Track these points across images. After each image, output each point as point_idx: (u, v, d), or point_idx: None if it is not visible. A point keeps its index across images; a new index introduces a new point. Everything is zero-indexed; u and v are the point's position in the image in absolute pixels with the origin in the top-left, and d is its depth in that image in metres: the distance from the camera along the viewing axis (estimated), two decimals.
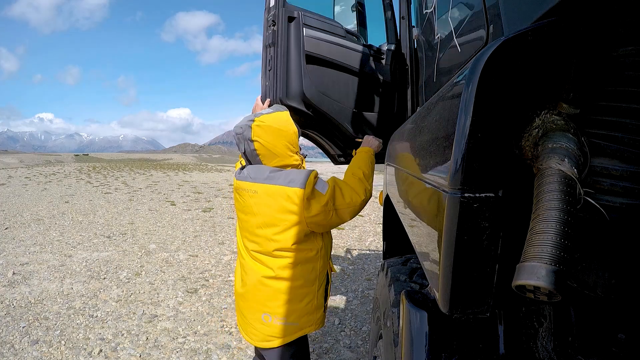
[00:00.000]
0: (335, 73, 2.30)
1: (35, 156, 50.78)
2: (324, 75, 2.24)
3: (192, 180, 16.12)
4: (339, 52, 2.28)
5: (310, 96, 2.15)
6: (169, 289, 3.97)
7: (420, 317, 0.82)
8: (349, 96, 2.38)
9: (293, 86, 2.12)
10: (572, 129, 0.64)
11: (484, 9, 0.88)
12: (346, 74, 2.36)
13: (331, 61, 2.26)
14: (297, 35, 2.12)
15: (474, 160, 0.59)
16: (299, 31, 2.12)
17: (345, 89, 2.36)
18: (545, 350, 0.76)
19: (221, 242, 5.93)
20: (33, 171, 18.63)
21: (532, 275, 0.53)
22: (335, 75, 2.30)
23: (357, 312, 3.50)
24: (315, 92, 2.17)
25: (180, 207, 9.25)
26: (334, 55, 2.26)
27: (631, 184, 0.61)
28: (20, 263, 4.67)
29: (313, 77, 2.18)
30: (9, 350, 2.76)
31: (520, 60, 0.60)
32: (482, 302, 0.64)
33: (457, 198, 0.60)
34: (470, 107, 0.59)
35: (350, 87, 2.38)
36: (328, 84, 2.26)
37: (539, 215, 0.56)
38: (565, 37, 0.61)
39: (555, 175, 0.58)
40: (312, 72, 2.18)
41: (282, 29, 2.11)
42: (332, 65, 2.27)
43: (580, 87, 0.64)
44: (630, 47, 0.63)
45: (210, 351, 2.81)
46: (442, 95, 0.81)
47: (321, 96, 2.20)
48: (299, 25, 2.12)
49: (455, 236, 0.61)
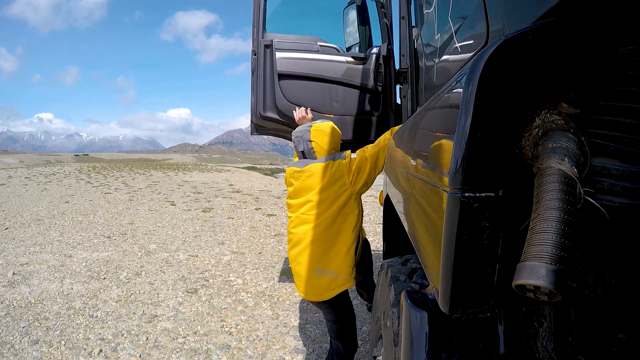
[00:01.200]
0: (308, 84, 2.71)
1: (35, 156, 50.76)
2: (298, 87, 2.69)
3: (192, 180, 16.12)
4: (310, 66, 2.70)
5: (282, 108, 2.64)
6: (169, 289, 3.96)
7: (420, 317, 0.81)
8: (323, 103, 2.73)
9: (268, 100, 2.67)
10: (572, 129, 0.64)
11: (484, 9, 0.88)
12: (321, 83, 2.72)
13: (302, 75, 2.69)
14: (271, 58, 2.64)
15: (475, 159, 0.59)
16: (272, 55, 2.63)
17: (321, 97, 2.73)
18: (545, 350, 0.76)
19: (221, 242, 5.93)
20: (33, 171, 18.62)
21: (532, 275, 0.53)
22: (308, 86, 2.71)
23: (357, 312, 3.49)
24: (286, 103, 2.64)
25: (180, 207, 9.25)
26: (306, 69, 2.69)
27: (631, 183, 0.61)
28: (20, 263, 4.67)
29: (287, 91, 2.66)
30: (9, 350, 2.76)
31: (521, 60, 0.60)
32: (482, 302, 0.64)
33: (457, 198, 0.60)
34: (471, 107, 0.59)
35: (327, 95, 2.74)
36: (302, 94, 2.69)
37: (539, 215, 0.56)
38: (565, 37, 0.61)
39: (555, 175, 0.58)
40: (285, 87, 2.66)
41: (260, 56, 2.66)
42: (304, 77, 2.70)
43: (580, 86, 0.64)
44: (630, 47, 0.63)
45: (210, 351, 2.81)
46: (443, 95, 0.81)
47: (292, 105, 2.58)
48: (272, 50, 2.63)
49: (455, 236, 0.61)
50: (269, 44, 2.64)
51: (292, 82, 2.68)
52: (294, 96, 2.68)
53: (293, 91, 2.69)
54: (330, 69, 2.73)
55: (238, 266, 4.79)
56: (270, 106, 2.67)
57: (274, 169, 33.28)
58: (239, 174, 21.23)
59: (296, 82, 2.70)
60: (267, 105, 2.67)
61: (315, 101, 2.70)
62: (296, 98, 2.67)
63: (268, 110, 2.67)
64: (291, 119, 2.55)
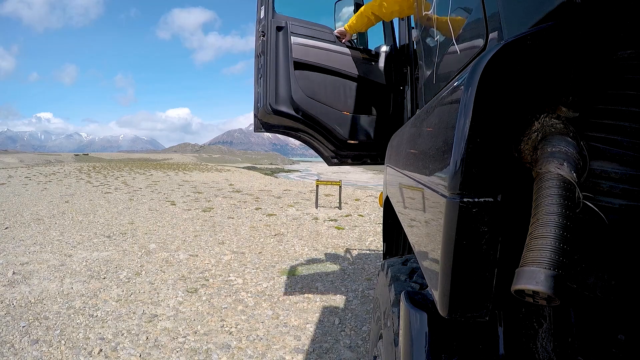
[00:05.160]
0: (324, 77, 2.41)
1: (35, 156, 50.69)
2: (313, 79, 2.36)
3: (192, 180, 16.11)
4: (327, 57, 2.39)
5: (298, 100, 2.27)
6: (169, 289, 3.97)
7: (420, 318, 0.82)
8: (339, 99, 2.47)
9: (281, 92, 2.25)
10: (571, 133, 0.64)
11: (483, 12, 0.88)
12: (336, 78, 2.46)
13: (319, 66, 2.36)
14: (285, 43, 2.25)
15: (473, 164, 0.59)
16: (287, 39, 2.25)
17: (336, 92, 2.46)
18: (545, 351, 0.77)
19: (221, 242, 5.93)
20: (33, 171, 18.61)
21: (531, 280, 0.53)
22: (324, 79, 2.41)
23: (357, 312, 3.50)
24: (302, 96, 2.30)
25: (180, 206, 9.26)
26: (322, 60, 2.37)
27: (630, 186, 0.61)
28: (20, 263, 4.67)
29: (302, 83, 2.31)
30: (9, 350, 2.76)
31: (520, 64, 0.61)
32: (481, 307, 0.65)
33: (456, 203, 0.60)
34: (470, 111, 0.59)
35: (341, 90, 2.48)
36: (317, 88, 2.37)
37: (538, 220, 0.57)
38: (564, 41, 0.61)
39: (554, 180, 0.58)
40: (300, 78, 2.31)
41: (271, 38, 2.25)
42: (320, 69, 2.37)
43: (579, 90, 0.65)
44: (629, 51, 0.63)
45: (210, 351, 2.81)
46: (442, 99, 0.81)
47: (309, 100, 2.31)
48: (287, 34, 2.25)
49: (454, 241, 0.61)
50: (282, 26, 2.27)
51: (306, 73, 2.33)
52: (309, 90, 2.34)
53: (308, 84, 2.34)
54: (347, 63, 2.46)
55: (238, 266, 4.79)
56: (284, 99, 2.27)
57: (274, 169, 33.18)
58: (239, 174, 21.21)
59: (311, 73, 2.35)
60: (279, 98, 2.26)
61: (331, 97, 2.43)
62: (311, 92, 2.35)
63: (281, 103, 2.27)
64: (308, 116, 2.31)
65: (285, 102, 2.27)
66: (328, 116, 2.40)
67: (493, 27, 0.84)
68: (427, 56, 1.71)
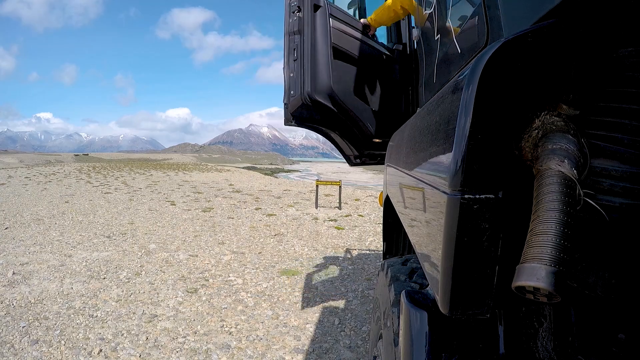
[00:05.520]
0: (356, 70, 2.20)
1: (35, 156, 50.73)
2: (347, 71, 2.13)
3: (192, 180, 16.11)
4: (361, 49, 2.17)
5: (337, 92, 2.03)
6: (169, 289, 3.97)
7: (421, 317, 0.82)
8: (368, 95, 2.30)
9: (321, 80, 1.97)
10: (572, 130, 0.64)
11: (484, 10, 0.88)
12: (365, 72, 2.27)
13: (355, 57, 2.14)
14: (324, 25, 1.97)
15: (474, 161, 0.59)
16: (326, 21, 1.98)
17: (366, 88, 2.27)
18: (545, 350, 0.76)
19: (221, 242, 5.93)
20: (33, 171, 18.61)
21: (531, 277, 0.53)
22: (357, 73, 2.20)
23: (357, 312, 3.50)
24: (342, 88, 2.06)
25: (180, 207, 9.25)
26: (357, 51, 2.15)
27: (631, 184, 0.61)
28: (20, 263, 4.67)
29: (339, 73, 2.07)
30: (9, 350, 2.76)
31: (520, 62, 0.60)
32: (482, 304, 0.64)
33: (457, 199, 0.60)
34: (471, 108, 0.59)
35: (370, 86, 2.30)
36: (351, 81, 2.15)
37: (539, 217, 0.57)
38: (565, 38, 0.61)
39: (555, 177, 0.58)
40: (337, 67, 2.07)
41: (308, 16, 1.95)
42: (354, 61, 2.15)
43: (580, 88, 0.65)
44: (629, 48, 0.63)
45: (210, 351, 2.81)
46: (442, 96, 0.81)
47: (347, 93, 2.09)
48: (325, 14, 1.98)
49: (455, 238, 0.61)
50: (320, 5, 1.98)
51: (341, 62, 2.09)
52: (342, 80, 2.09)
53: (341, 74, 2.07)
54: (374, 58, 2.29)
55: (238, 266, 4.79)
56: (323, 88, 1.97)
57: (274, 169, 33.20)
58: (238, 174, 21.22)
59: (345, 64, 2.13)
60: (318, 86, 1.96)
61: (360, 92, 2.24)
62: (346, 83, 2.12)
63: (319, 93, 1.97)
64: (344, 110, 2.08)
65: (324, 93, 1.99)
66: (362, 112, 2.23)
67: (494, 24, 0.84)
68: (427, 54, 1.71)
